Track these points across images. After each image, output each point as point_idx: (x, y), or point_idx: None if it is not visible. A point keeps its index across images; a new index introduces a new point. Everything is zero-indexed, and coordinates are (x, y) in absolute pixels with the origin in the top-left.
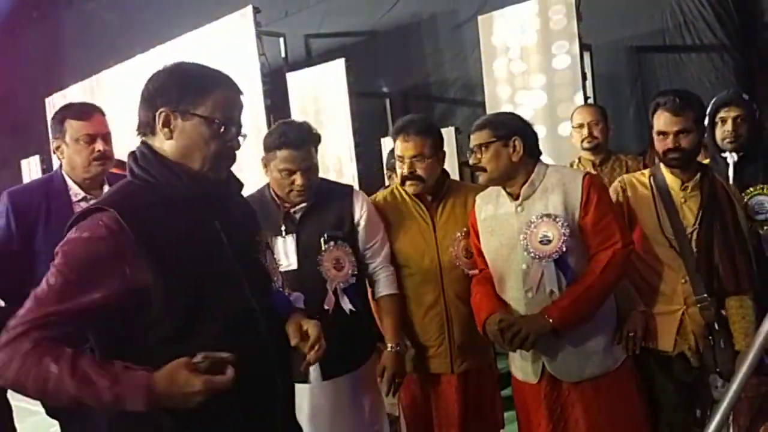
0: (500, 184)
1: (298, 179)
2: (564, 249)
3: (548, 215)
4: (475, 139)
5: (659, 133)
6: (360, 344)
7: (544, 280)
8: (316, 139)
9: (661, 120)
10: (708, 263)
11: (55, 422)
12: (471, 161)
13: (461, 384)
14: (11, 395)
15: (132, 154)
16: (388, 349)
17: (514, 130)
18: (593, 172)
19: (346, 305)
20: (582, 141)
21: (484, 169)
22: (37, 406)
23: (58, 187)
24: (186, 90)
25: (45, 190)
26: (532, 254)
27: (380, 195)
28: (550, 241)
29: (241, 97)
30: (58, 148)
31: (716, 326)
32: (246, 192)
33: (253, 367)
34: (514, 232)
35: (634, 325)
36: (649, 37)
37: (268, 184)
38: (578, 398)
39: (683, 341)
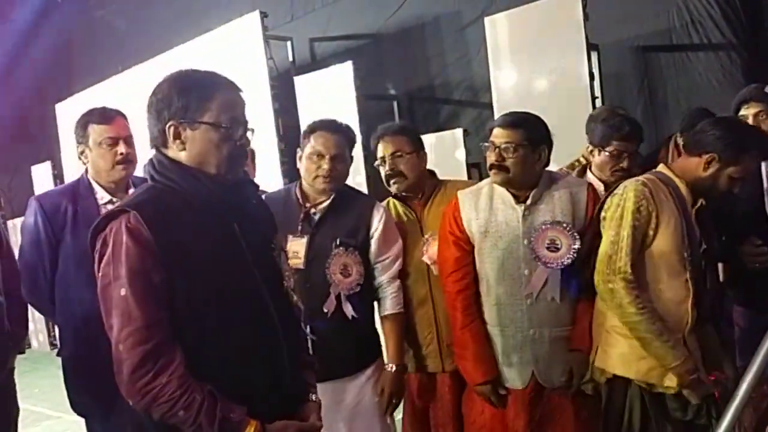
0: (513, 187)
1: (325, 164)
2: (574, 257)
3: (558, 222)
4: (504, 136)
5: (737, 178)
6: (358, 351)
7: (547, 287)
8: (351, 135)
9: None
10: (710, 285)
11: (68, 426)
12: (492, 158)
13: (454, 382)
14: (24, 399)
15: (150, 162)
16: (389, 368)
17: (543, 137)
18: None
19: (349, 311)
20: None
21: (506, 170)
22: (50, 410)
23: (84, 191)
24: (189, 99)
25: (72, 195)
26: (540, 260)
27: None
28: (558, 248)
29: (241, 94)
30: (82, 152)
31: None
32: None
33: (268, 367)
34: (515, 236)
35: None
36: (656, 36)
37: (297, 183)
38: (559, 404)
39: None
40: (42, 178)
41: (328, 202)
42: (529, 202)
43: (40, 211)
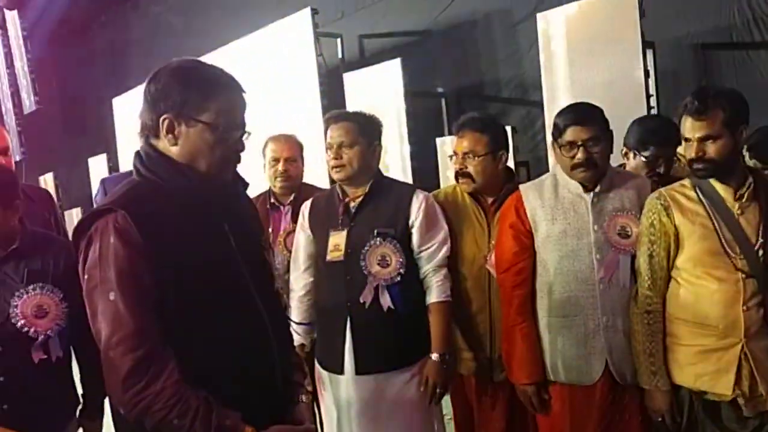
0: (592, 181)
1: (331, 154)
2: None
3: (627, 210)
4: (585, 132)
5: (684, 139)
6: (401, 344)
7: (619, 271)
8: (362, 120)
9: (685, 125)
10: None
11: None
12: (580, 156)
13: (503, 393)
14: None
15: (137, 154)
16: (432, 357)
17: (609, 126)
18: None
19: (386, 303)
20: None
21: (595, 165)
22: None
23: None
24: (189, 95)
25: None
26: (612, 245)
27: (442, 191)
28: (628, 235)
29: (244, 95)
30: None
31: None
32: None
33: (257, 366)
34: (584, 222)
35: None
36: (716, 33)
37: None
38: (628, 405)
39: (739, 383)
40: (98, 170)
41: (364, 193)
42: (598, 189)
43: (102, 192)
